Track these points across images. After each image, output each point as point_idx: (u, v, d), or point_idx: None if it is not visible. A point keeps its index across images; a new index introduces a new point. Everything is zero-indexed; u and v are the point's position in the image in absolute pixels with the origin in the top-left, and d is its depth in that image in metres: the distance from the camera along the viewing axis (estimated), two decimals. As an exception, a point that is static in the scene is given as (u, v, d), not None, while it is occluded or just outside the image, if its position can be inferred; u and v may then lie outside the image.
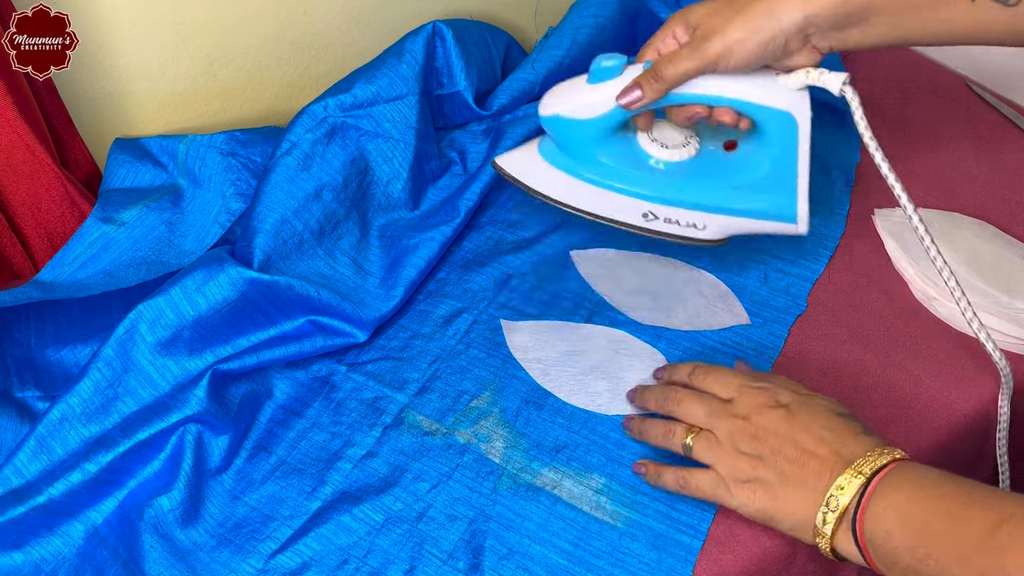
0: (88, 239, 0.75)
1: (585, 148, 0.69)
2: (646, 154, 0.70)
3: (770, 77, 0.64)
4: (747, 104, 0.64)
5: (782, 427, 0.57)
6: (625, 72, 0.65)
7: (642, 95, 0.64)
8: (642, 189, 0.70)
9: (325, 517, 0.64)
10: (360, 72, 0.82)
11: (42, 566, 0.61)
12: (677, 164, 0.70)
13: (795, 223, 0.69)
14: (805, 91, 0.64)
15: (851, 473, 0.54)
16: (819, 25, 0.61)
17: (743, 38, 0.61)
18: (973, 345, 0.72)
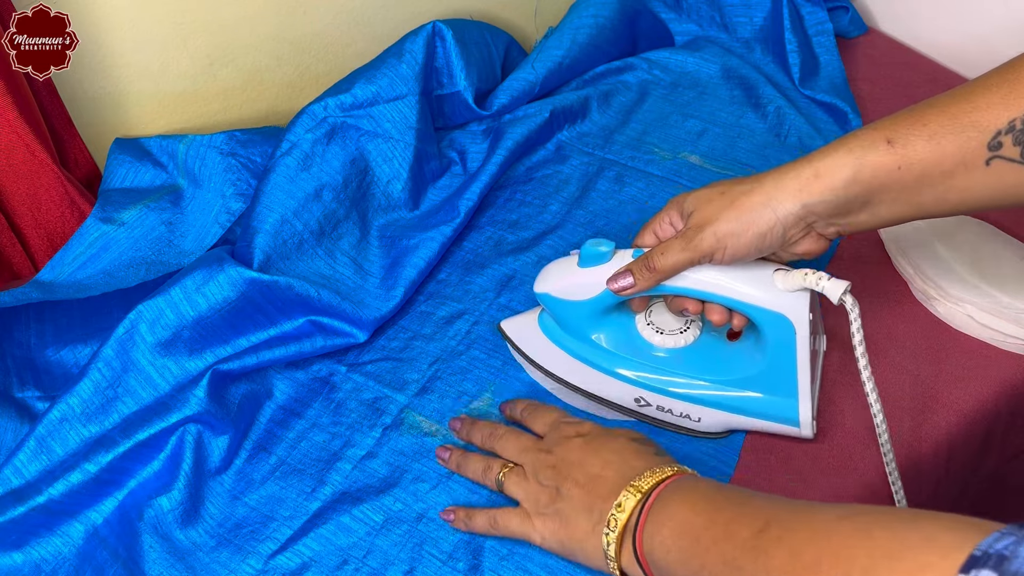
0: (88, 239, 0.75)
1: (578, 326, 0.66)
2: (641, 338, 0.67)
3: (767, 274, 0.59)
4: (741, 303, 0.60)
5: (577, 455, 0.58)
6: (614, 258, 0.63)
7: (633, 283, 0.60)
8: (635, 374, 0.66)
9: (325, 517, 0.64)
10: (360, 72, 0.82)
11: (42, 566, 0.61)
12: (673, 351, 0.66)
13: (797, 427, 0.64)
14: (804, 292, 0.59)
15: (629, 491, 0.53)
16: (819, 214, 0.56)
17: (737, 231, 0.56)
18: (973, 345, 0.72)
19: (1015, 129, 0.51)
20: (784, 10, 0.95)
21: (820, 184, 0.54)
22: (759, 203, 0.56)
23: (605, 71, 0.97)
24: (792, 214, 0.55)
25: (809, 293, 0.59)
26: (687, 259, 0.58)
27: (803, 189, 0.55)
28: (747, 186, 0.57)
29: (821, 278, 0.57)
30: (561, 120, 0.91)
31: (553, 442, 0.60)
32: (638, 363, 0.67)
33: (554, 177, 0.88)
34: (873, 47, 1.03)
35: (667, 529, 0.50)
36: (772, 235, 0.56)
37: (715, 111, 0.94)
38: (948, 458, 0.68)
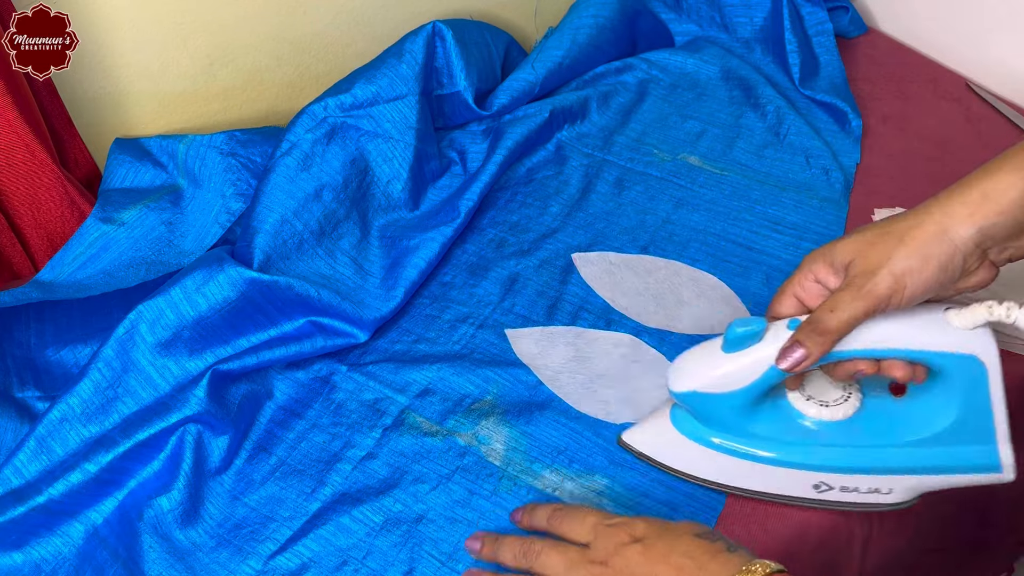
0: (88, 239, 0.75)
1: (731, 420, 0.59)
2: (802, 416, 0.61)
3: (937, 316, 0.55)
4: (922, 353, 0.55)
5: (640, 564, 0.52)
6: (767, 336, 0.56)
7: (807, 354, 0.54)
8: (807, 458, 0.60)
9: (324, 518, 0.63)
10: (360, 72, 0.82)
11: (42, 566, 0.61)
12: (843, 423, 0.60)
13: (1000, 472, 0.58)
14: (986, 327, 0.54)
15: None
16: (995, 237, 0.52)
17: (916, 267, 0.52)
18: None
19: None
20: (784, 10, 0.95)
21: (991, 206, 0.51)
22: (934, 234, 0.52)
23: (605, 71, 0.97)
24: (969, 239, 0.52)
25: (991, 330, 0.55)
26: (863, 309, 0.53)
27: (975, 213, 0.51)
28: (913, 220, 0.53)
29: (1011, 308, 0.52)
30: (561, 120, 0.91)
31: (605, 551, 0.53)
32: (808, 445, 0.60)
33: (554, 178, 0.88)
34: (873, 47, 1.03)
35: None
36: (953, 266, 0.52)
37: (714, 112, 0.94)
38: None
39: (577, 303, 0.76)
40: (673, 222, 0.83)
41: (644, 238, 0.82)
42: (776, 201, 0.84)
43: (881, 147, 0.90)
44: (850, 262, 0.54)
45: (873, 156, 0.89)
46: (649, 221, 0.83)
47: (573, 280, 0.78)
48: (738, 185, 0.86)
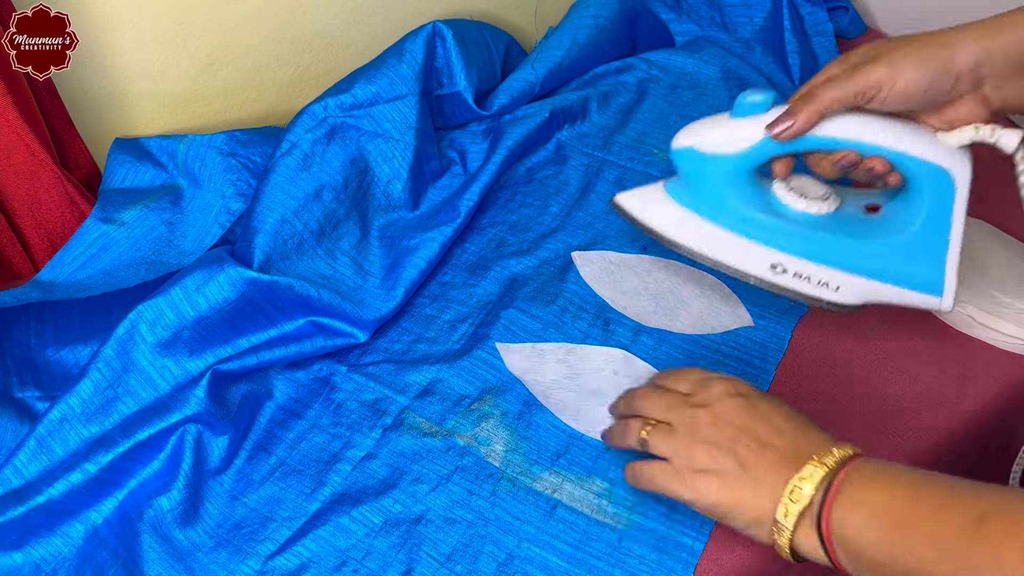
0: (88, 239, 0.75)
1: (716, 188, 0.63)
2: (782, 203, 0.64)
3: (928, 131, 0.57)
4: (902, 155, 0.57)
5: (741, 416, 0.55)
6: (772, 110, 0.59)
7: (794, 122, 0.57)
8: (772, 238, 0.63)
9: (324, 519, 0.64)
10: (360, 72, 0.82)
11: (42, 566, 0.61)
12: (815, 217, 0.64)
13: (940, 296, 0.62)
14: (967, 151, 0.57)
15: (815, 464, 0.51)
16: (995, 66, 0.53)
17: (911, 68, 0.54)
18: (973, 345, 0.72)
19: None
20: (784, 10, 0.95)
21: (1005, 34, 0.53)
22: (938, 42, 0.54)
23: (605, 71, 0.97)
24: (971, 56, 0.53)
25: (970, 153, 0.57)
26: (852, 90, 0.55)
27: (984, 35, 0.53)
28: (931, 34, 0.56)
29: (995, 130, 0.55)
30: (561, 120, 0.91)
31: (709, 398, 0.56)
32: (777, 228, 0.63)
33: (554, 178, 0.88)
34: (873, 47, 1.03)
35: (862, 513, 0.48)
36: (944, 79, 0.54)
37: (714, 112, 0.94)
38: (948, 458, 0.68)
39: (577, 302, 0.76)
40: (673, 222, 0.83)
41: (644, 238, 0.81)
42: (776, 201, 0.84)
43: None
44: (860, 56, 0.57)
45: (873, 156, 0.89)
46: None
47: (572, 279, 0.78)
48: (738, 185, 0.86)
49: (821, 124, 0.58)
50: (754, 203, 0.64)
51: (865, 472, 0.50)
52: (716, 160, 0.61)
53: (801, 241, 0.63)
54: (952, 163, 0.57)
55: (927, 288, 0.62)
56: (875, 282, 0.62)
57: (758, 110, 0.59)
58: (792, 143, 0.59)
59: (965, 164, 0.57)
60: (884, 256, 0.62)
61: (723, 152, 0.61)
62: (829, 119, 0.58)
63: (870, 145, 0.58)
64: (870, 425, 0.67)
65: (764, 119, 0.59)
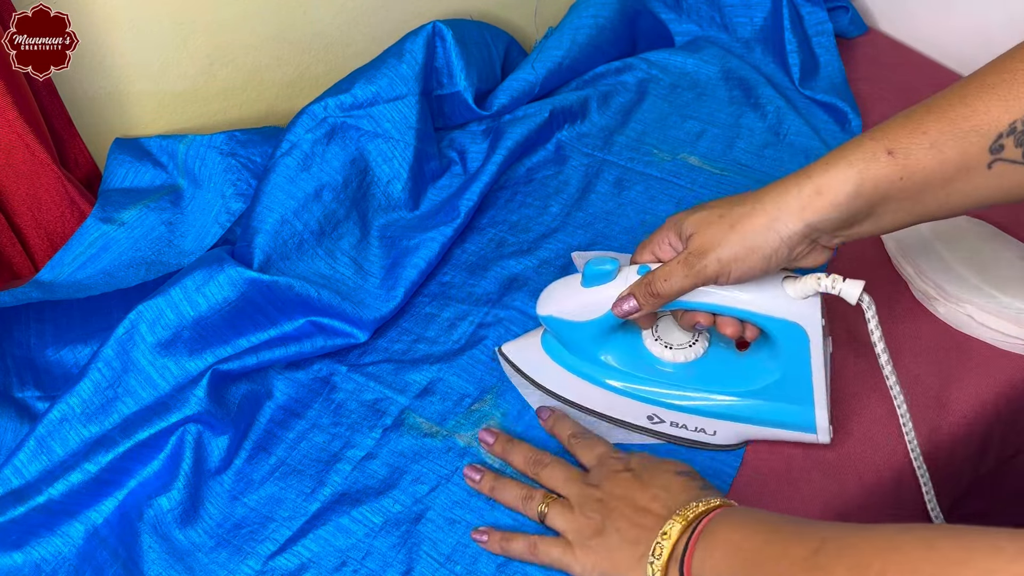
0: (88, 239, 0.75)
1: (585, 347, 0.66)
2: (650, 354, 0.66)
3: (776, 283, 0.58)
4: (751, 314, 0.59)
5: (625, 489, 0.58)
6: (619, 276, 0.62)
7: (638, 307, 0.60)
8: (646, 391, 0.66)
9: (324, 519, 0.64)
10: (360, 72, 0.82)
11: (42, 566, 0.61)
12: (683, 365, 0.66)
13: (815, 433, 0.64)
14: (816, 298, 0.58)
15: (675, 519, 0.54)
16: (823, 229, 0.54)
17: (741, 255, 0.55)
18: (973, 345, 0.72)
19: (1016, 131, 0.50)
20: (784, 10, 0.95)
21: (823, 201, 0.53)
22: (762, 225, 0.55)
23: (605, 71, 0.97)
24: (796, 233, 0.54)
25: (819, 298, 0.58)
26: (690, 284, 0.57)
27: (806, 208, 0.54)
28: (747, 207, 0.56)
29: (836, 281, 0.56)
30: (561, 120, 0.91)
31: (601, 477, 0.60)
32: (649, 380, 0.66)
33: (554, 178, 0.88)
34: (873, 47, 1.03)
35: (719, 553, 0.50)
36: (777, 256, 0.55)
37: (714, 112, 0.94)
38: (948, 458, 0.68)
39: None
40: (673, 222, 0.83)
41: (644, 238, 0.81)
42: (776, 201, 0.84)
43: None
44: (691, 235, 0.58)
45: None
46: (649, 221, 0.83)
47: (572, 280, 0.78)
48: (738, 185, 0.86)
49: None
50: (625, 358, 0.67)
51: (729, 518, 0.52)
52: (577, 326, 0.64)
53: (670, 392, 0.65)
54: (801, 314, 0.58)
55: (800, 427, 0.64)
56: (750, 425, 0.65)
57: (606, 279, 0.62)
58: None
59: (815, 311, 0.58)
60: (755, 400, 0.64)
61: (581, 319, 0.64)
62: None
63: (718, 307, 0.60)
64: (870, 425, 0.67)
65: (613, 288, 0.61)
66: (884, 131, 0.53)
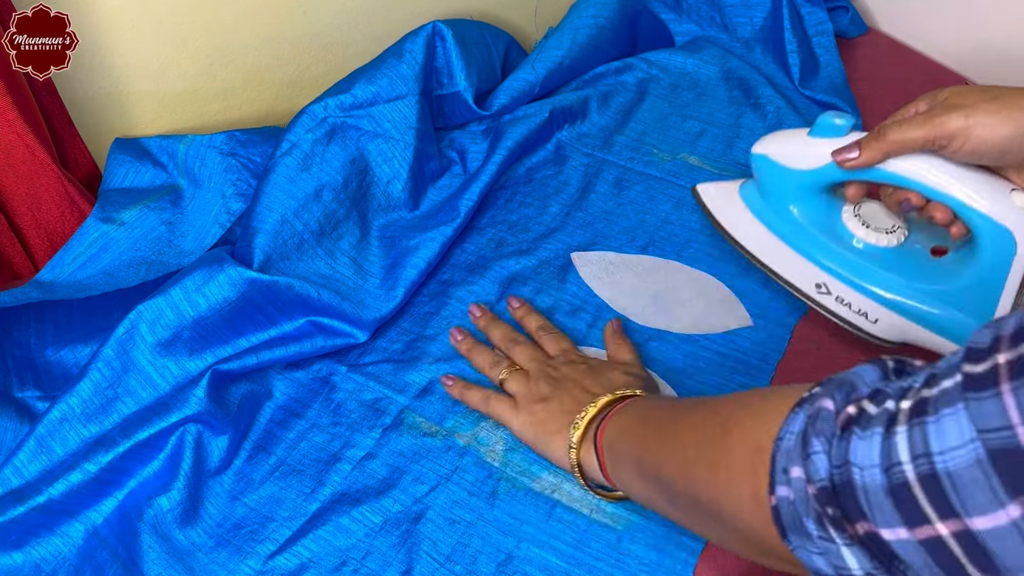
0: (88, 239, 0.75)
1: (784, 198, 0.65)
2: (844, 227, 0.65)
3: (1003, 188, 0.56)
4: (967, 208, 0.56)
5: (579, 375, 0.65)
6: (850, 134, 0.60)
7: (859, 155, 0.58)
8: (824, 258, 0.64)
9: (324, 519, 0.64)
10: (360, 72, 0.82)
11: (42, 566, 0.61)
12: (874, 248, 0.64)
13: None
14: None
15: (606, 395, 0.60)
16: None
17: (992, 122, 0.53)
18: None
19: None
20: (784, 10, 0.95)
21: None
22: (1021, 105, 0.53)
23: (605, 71, 0.97)
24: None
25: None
26: (923, 136, 0.55)
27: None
28: (1013, 90, 0.54)
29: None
30: (560, 120, 0.91)
31: (560, 362, 0.67)
32: (832, 249, 0.65)
33: (554, 178, 0.88)
34: (873, 47, 1.03)
35: (625, 419, 0.56)
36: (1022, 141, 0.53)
37: (714, 112, 0.94)
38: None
39: (576, 303, 0.76)
40: (673, 222, 0.83)
41: (643, 238, 0.82)
42: (776, 201, 0.84)
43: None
44: (946, 97, 0.56)
45: (873, 156, 0.89)
46: (649, 221, 0.83)
47: (572, 280, 0.78)
48: (738, 185, 0.86)
49: (894, 159, 0.58)
50: (818, 221, 0.66)
51: (649, 399, 0.59)
52: (787, 172, 0.63)
53: (850, 267, 0.64)
54: (1018, 224, 0.56)
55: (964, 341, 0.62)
56: (914, 325, 0.62)
57: (835, 133, 0.60)
58: (859, 172, 0.59)
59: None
60: (930, 301, 0.61)
61: (794, 166, 0.63)
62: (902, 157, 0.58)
63: (936, 191, 0.57)
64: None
65: (837, 143, 0.60)
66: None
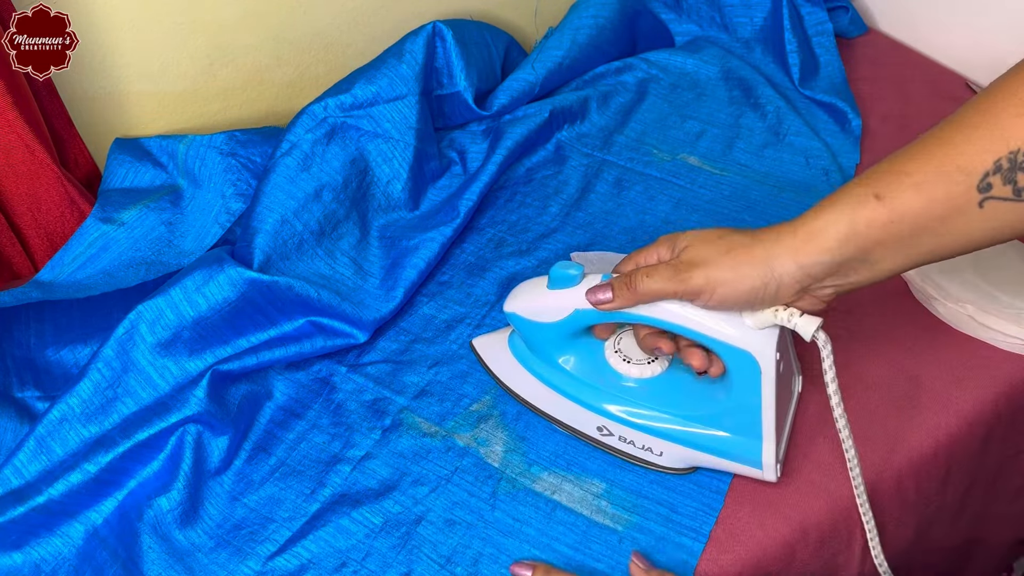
0: (88, 239, 0.75)
1: (545, 348, 0.66)
2: (608, 365, 0.66)
3: (734, 314, 0.58)
4: (705, 338, 0.58)
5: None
6: (583, 282, 0.61)
7: (612, 299, 0.59)
8: (597, 402, 0.65)
9: (324, 519, 0.64)
10: (360, 72, 0.82)
11: (42, 566, 0.61)
12: (639, 381, 0.65)
13: (760, 469, 0.62)
14: (773, 330, 0.57)
15: None
16: (816, 276, 0.54)
17: (730, 280, 0.55)
18: (973, 345, 0.72)
19: (1002, 168, 0.49)
20: (784, 10, 0.95)
21: (815, 245, 0.53)
22: (758, 258, 0.54)
23: (605, 71, 0.97)
24: (789, 275, 0.54)
25: (779, 331, 0.57)
26: (672, 290, 0.57)
27: (799, 250, 0.53)
28: (746, 239, 0.56)
29: (793, 314, 0.55)
30: (560, 120, 0.91)
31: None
32: (603, 391, 0.65)
33: (554, 178, 0.88)
34: (873, 47, 1.03)
35: None
36: (765, 292, 0.55)
37: (714, 112, 0.94)
38: (948, 458, 0.68)
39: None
40: (672, 222, 0.83)
41: (643, 238, 0.82)
42: (775, 201, 0.84)
43: (881, 147, 0.90)
44: (685, 247, 0.58)
45: (873, 156, 0.89)
46: (648, 221, 0.83)
47: (572, 280, 0.78)
48: (737, 185, 0.86)
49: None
50: (582, 365, 0.66)
51: None
52: (539, 327, 0.65)
53: (623, 406, 0.65)
54: (755, 344, 0.57)
55: (747, 461, 0.62)
56: (696, 451, 0.64)
57: (570, 283, 0.62)
58: (604, 314, 0.61)
59: (769, 345, 0.57)
60: (706, 427, 0.63)
61: (544, 320, 0.64)
62: None
63: (676, 326, 0.59)
64: (870, 426, 0.67)
65: (576, 291, 0.61)
66: (872, 176, 0.53)
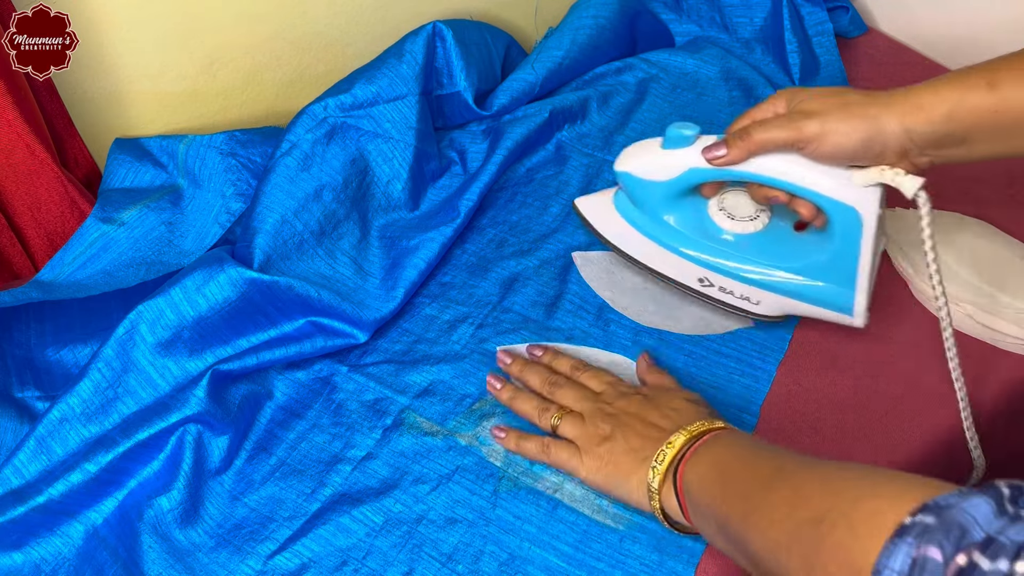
0: (88, 239, 0.75)
1: (653, 206, 0.70)
2: (712, 222, 0.71)
3: (841, 170, 0.62)
4: (814, 194, 0.63)
5: (637, 408, 0.63)
6: (697, 142, 0.65)
7: (726, 153, 0.63)
8: (701, 255, 0.70)
9: (324, 519, 0.63)
10: (360, 72, 0.82)
11: (42, 566, 0.61)
12: (742, 236, 0.70)
13: (851, 316, 0.68)
14: (877, 188, 0.62)
15: (681, 432, 0.58)
16: (917, 142, 0.59)
17: (843, 131, 0.59)
18: (973, 345, 0.72)
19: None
20: (784, 10, 0.95)
21: (922, 115, 0.58)
22: (870, 115, 0.59)
23: (605, 71, 0.97)
24: (895, 134, 0.58)
25: (880, 190, 0.62)
26: (785, 138, 0.61)
27: (907, 115, 0.58)
28: (862, 98, 0.60)
29: (898, 174, 0.59)
30: (560, 120, 0.91)
31: (613, 397, 0.65)
32: (706, 245, 0.70)
33: (554, 178, 0.88)
34: (873, 47, 1.03)
35: (704, 465, 0.55)
36: (872, 148, 0.59)
37: (714, 112, 0.94)
38: (948, 458, 0.68)
39: (577, 303, 0.76)
40: (673, 222, 0.83)
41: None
42: (776, 201, 0.84)
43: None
44: (801, 101, 0.62)
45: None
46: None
47: (573, 279, 0.78)
48: (738, 185, 0.86)
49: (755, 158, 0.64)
50: (688, 222, 0.71)
51: (723, 438, 0.57)
52: (650, 185, 0.69)
53: (726, 259, 0.70)
54: (860, 201, 0.62)
55: (839, 308, 0.68)
56: (791, 299, 0.69)
57: (685, 143, 0.66)
58: (717, 172, 0.65)
59: (873, 201, 0.62)
60: (802, 277, 0.68)
61: (655, 179, 0.68)
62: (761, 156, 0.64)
63: (785, 183, 0.63)
64: (870, 425, 0.67)
65: (691, 151, 0.65)
66: (989, 67, 0.58)
